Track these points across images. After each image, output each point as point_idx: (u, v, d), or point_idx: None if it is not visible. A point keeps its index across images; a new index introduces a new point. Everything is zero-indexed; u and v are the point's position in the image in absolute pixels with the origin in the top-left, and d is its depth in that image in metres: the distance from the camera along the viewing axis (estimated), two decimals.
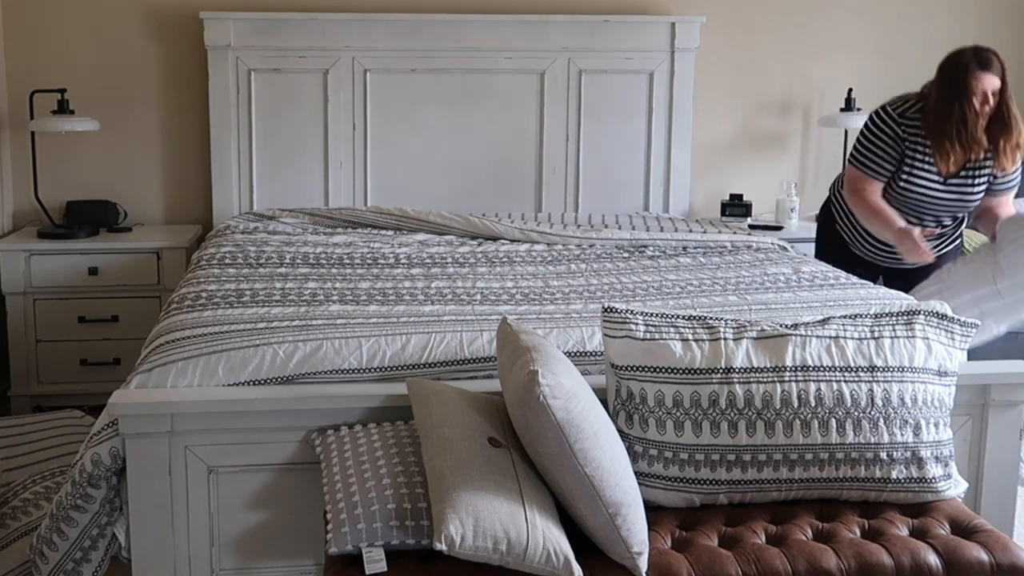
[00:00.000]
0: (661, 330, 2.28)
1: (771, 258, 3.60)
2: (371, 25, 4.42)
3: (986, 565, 2.12)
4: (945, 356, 2.39)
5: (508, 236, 3.87)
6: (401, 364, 2.55)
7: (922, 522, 2.24)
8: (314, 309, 2.81)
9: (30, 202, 4.40)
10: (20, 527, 2.80)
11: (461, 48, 4.48)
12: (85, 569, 2.43)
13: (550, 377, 1.97)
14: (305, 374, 2.51)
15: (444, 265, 3.45)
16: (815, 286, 3.20)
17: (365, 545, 1.98)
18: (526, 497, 1.98)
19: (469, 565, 1.96)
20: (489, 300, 2.99)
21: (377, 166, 4.52)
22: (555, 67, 4.55)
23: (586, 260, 3.57)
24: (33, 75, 4.35)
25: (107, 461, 2.35)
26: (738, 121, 4.85)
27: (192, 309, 2.80)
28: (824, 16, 4.81)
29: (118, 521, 2.43)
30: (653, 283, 3.23)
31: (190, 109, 4.50)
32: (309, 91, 4.44)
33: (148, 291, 4.20)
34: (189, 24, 4.41)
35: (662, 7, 4.68)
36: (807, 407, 2.24)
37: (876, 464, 2.25)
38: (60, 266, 4.13)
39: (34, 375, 4.16)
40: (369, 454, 2.20)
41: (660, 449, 2.22)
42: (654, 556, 2.06)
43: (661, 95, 4.61)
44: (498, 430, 2.14)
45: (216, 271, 3.26)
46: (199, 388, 2.45)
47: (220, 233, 3.94)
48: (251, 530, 2.45)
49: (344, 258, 3.49)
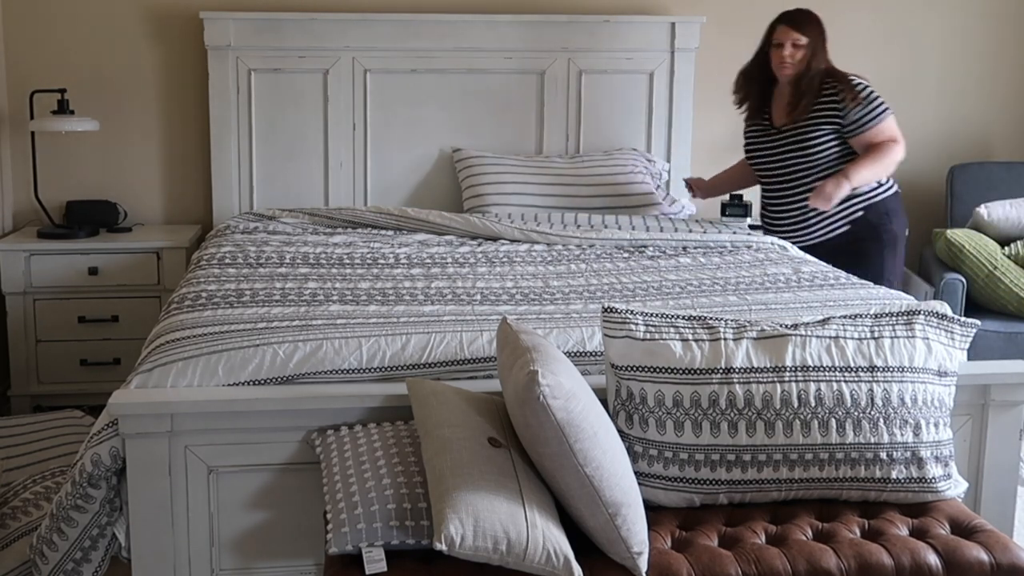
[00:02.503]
0: (661, 330, 2.28)
1: (771, 258, 3.60)
2: (371, 25, 4.42)
3: (986, 565, 2.12)
4: (945, 356, 2.39)
5: (508, 236, 3.86)
6: (401, 364, 2.55)
7: (922, 522, 2.25)
8: (314, 309, 2.81)
9: (30, 202, 4.40)
10: (20, 527, 2.80)
11: (461, 48, 4.48)
12: (85, 569, 2.43)
13: (550, 377, 1.97)
14: (305, 374, 2.51)
15: (444, 265, 3.44)
16: (815, 286, 3.20)
17: (365, 545, 1.98)
18: (526, 497, 1.98)
19: (469, 565, 1.96)
20: (489, 300, 2.99)
21: (377, 166, 4.52)
22: (555, 67, 4.55)
23: (586, 260, 3.57)
24: (33, 75, 4.35)
25: (107, 461, 2.35)
26: (738, 121, 4.83)
27: (192, 309, 2.80)
28: (824, 16, 4.79)
29: (118, 521, 2.43)
30: (653, 283, 3.23)
31: (190, 109, 4.50)
32: (309, 91, 4.44)
33: (148, 291, 4.20)
34: (189, 24, 4.41)
35: (662, 7, 4.68)
36: (807, 407, 2.24)
37: (876, 464, 2.25)
38: (60, 266, 4.13)
39: (34, 375, 4.16)
40: (369, 454, 2.20)
41: (660, 449, 2.22)
42: (654, 556, 2.06)
43: (661, 95, 4.62)
44: (498, 430, 2.14)
45: (216, 271, 3.26)
46: (199, 388, 2.45)
47: (220, 233, 3.94)
48: (251, 530, 2.45)
49: (344, 258, 3.49)
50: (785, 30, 3.83)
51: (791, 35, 3.80)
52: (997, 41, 4.97)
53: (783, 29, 3.83)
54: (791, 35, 3.80)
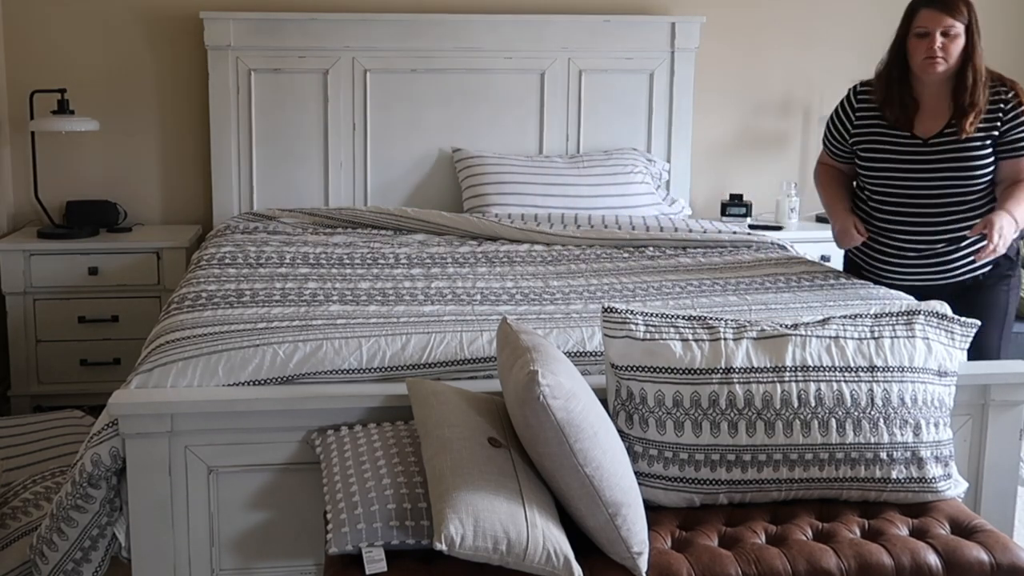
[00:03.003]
0: (661, 330, 2.28)
1: (771, 258, 3.60)
2: (371, 25, 4.42)
3: (986, 565, 2.12)
4: (945, 356, 2.39)
5: (508, 236, 3.87)
6: (401, 364, 2.55)
7: (922, 522, 2.25)
8: (314, 309, 2.81)
9: (30, 202, 4.40)
10: (20, 527, 2.80)
11: (461, 48, 4.48)
12: (85, 569, 2.43)
13: (550, 377, 1.97)
14: (305, 374, 2.51)
15: (444, 265, 3.45)
16: (815, 286, 3.20)
17: (365, 545, 1.98)
18: (526, 497, 1.98)
19: (469, 565, 1.96)
20: (489, 300, 2.99)
21: (377, 166, 4.52)
22: (555, 67, 4.55)
23: (586, 260, 3.57)
24: (33, 75, 4.34)
25: (107, 461, 2.35)
26: (738, 121, 4.85)
27: (192, 309, 2.80)
28: (824, 16, 4.81)
29: (118, 521, 2.43)
30: (653, 283, 3.23)
31: (190, 109, 4.50)
32: (309, 91, 4.44)
33: (148, 291, 4.20)
34: (189, 24, 4.41)
35: (662, 7, 4.68)
36: (807, 407, 2.23)
37: (876, 464, 2.25)
38: (60, 266, 4.13)
39: (34, 375, 4.15)
40: (369, 454, 2.20)
41: (660, 449, 2.22)
42: (654, 556, 2.06)
43: (661, 95, 4.61)
44: (498, 430, 2.14)
45: (216, 271, 3.26)
46: (199, 388, 2.45)
47: (220, 233, 3.94)
48: (251, 530, 2.45)
49: (344, 258, 3.49)
50: (932, 15, 3.06)
51: (942, 21, 3.04)
52: (996, 41, 4.96)
53: (929, 14, 3.07)
54: (942, 21, 3.04)
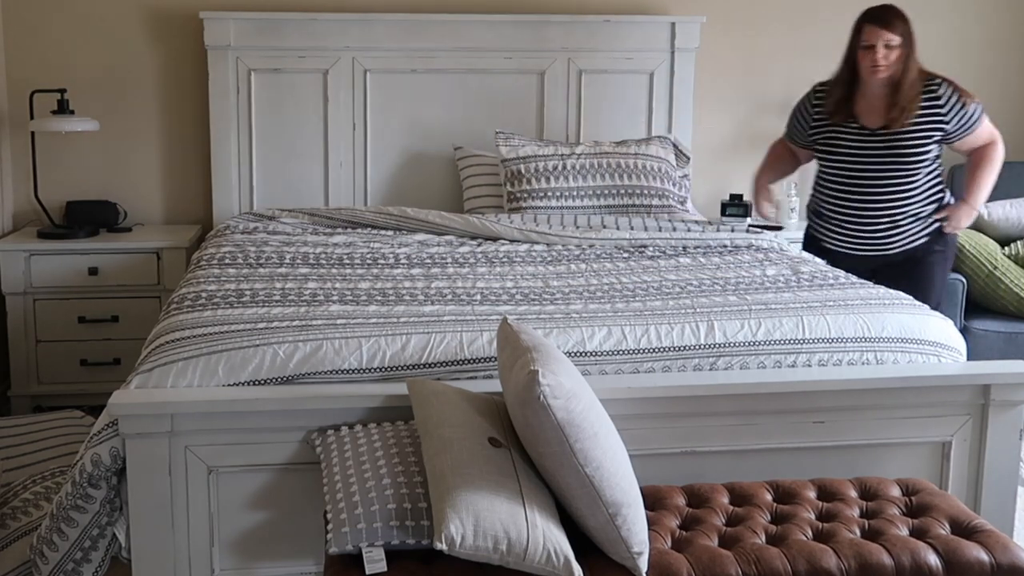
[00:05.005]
0: None
1: (771, 258, 3.60)
2: (371, 25, 4.42)
3: (986, 565, 2.12)
4: None
5: (508, 236, 3.86)
6: (401, 364, 2.55)
7: (922, 522, 2.25)
8: (314, 309, 2.81)
9: (30, 202, 4.40)
10: (20, 527, 2.80)
11: (461, 48, 4.48)
12: (85, 569, 2.43)
13: (550, 377, 1.97)
14: (305, 374, 2.51)
15: (444, 265, 3.44)
16: (815, 286, 3.19)
17: (365, 545, 1.98)
18: (526, 497, 1.98)
19: (469, 565, 1.96)
20: (489, 300, 2.99)
21: (377, 166, 4.52)
22: (555, 67, 4.55)
23: (586, 260, 3.57)
24: (33, 75, 4.34)
25: (107, 461, 2.35)
26: (738, 121, 4.85)
27: (192, 309, 2.80)
28: (824, 16, 4.80)
29: (118, 521, 2.43)
30: (653, 283, 3.23)
31: (190, 109, 4.50)
32: (309, 91, 4.44)
33: (148, 291, 4.20)
34: (189, 24, 4.41)
35: (662, 7, 4.68)
36: None
37: None
38: (60, 266, 4.13)
39: (34, 375, 4.16)
40: (369, 454, 2.20)
41: None
42: (654, 556, 2.06)
43: (661, 95, 4.62)
44: (498, 430, 2.14)
45: (216, 271, 3.26)
46: (199, 388, 2.45)
47: (220, 233, 3.94)
48: (251, 530, 2.45)
49: (344, 258, 3.49)
50: (874, 30, 3.53)
51: (883, 35, 3.51)
52: (997, 41, 4.97)
53: (872, 29, 3.54)
54: (883, 35, 3.51)
